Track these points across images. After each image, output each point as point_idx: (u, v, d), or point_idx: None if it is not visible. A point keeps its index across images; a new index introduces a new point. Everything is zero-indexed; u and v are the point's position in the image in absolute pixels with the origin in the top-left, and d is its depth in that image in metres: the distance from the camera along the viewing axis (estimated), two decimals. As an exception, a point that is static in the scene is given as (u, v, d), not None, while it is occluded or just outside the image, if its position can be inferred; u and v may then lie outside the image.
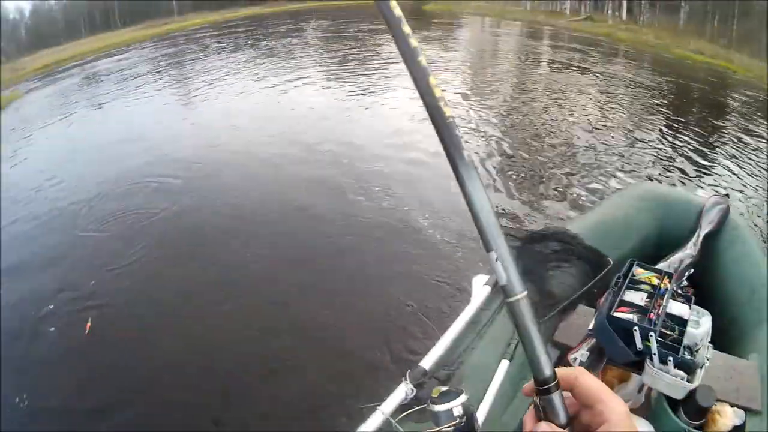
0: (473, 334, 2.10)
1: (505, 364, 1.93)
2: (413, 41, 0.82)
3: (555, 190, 7.33)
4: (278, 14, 45.69)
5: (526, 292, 0.77)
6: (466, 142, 6.54)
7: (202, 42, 32.31)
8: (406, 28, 0.84)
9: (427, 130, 1.59)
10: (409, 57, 0.81)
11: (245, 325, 5.41)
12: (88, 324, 5.70)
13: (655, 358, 1.83)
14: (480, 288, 2.23)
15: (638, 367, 1.95)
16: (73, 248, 7.48)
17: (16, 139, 15.28)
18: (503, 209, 6.74)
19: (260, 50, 24.77)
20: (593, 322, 2.05)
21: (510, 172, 7.99)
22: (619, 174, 7.74)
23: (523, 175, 7.89)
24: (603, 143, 9.16)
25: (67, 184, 10.30)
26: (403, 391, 1.74)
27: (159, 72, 24.26)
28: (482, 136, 9.62)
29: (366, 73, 16.63)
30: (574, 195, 7.05)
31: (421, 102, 0.80)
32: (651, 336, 1.84)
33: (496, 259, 0.77)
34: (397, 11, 0.86)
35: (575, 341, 2.11)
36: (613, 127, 9.95)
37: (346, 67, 17.72)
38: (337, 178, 8.38)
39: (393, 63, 16.95)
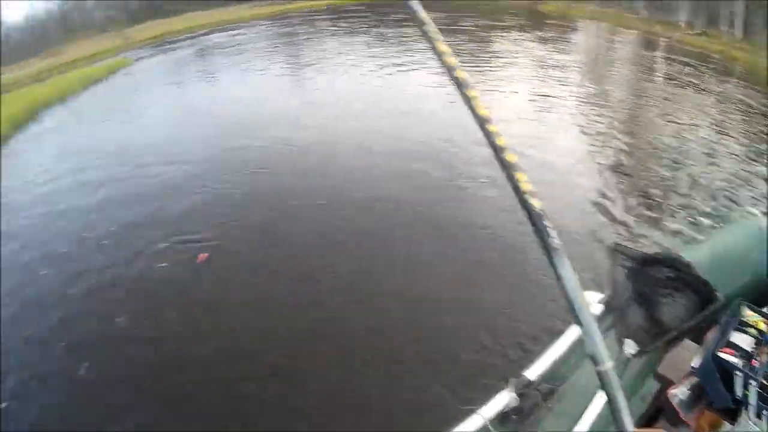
0: (580, 351, 1.85)
1: None
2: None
3: (670, 210, 7.04)
4: (393, 3, 43.45)
5: (612, 363, 0.91)
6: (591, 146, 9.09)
7: (317, 24, 32.29)
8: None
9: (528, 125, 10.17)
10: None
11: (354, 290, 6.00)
12: (202, 255, 6.89)
13: (752, 409, 1.61)
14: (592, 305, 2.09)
15: (734, 415, 1.69)
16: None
17: (128, 101, 17.03)
18: (620, 222, 6.68)
19: (372, 36, 25.27)
20: (697, 359, 1.82)
21: (626, 187, 7.75)
22: (736, 205, 7.10)
23: (639, 191, 7.61)
24: (719, 167, 8.56)
25: (178, 146, 11.62)
26: (505, 398, 1.72)
27: (274, 50, 24.26)
28: (599, 145, 9.51)
29: (478, 68, 16.12)
30: (690, 218, 6.70)
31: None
32: (751, 384, 1.62)
33: (585, 333, 0.92)
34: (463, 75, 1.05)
35: (677, 376, 1.85)
36: (731, 154, 9.16)
37: (460, 60, 15.68)
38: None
39: (503, 59, 17.45)
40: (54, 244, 8.00)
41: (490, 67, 16.29)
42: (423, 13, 1.16)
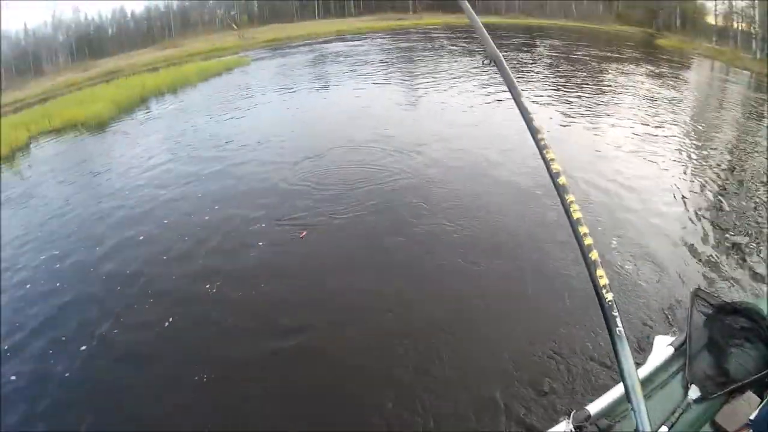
0: (647, 389, 1.86)
1: (664, 429, 1.72)
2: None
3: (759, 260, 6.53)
4: (513, 26, 44.93)
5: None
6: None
7: (435, 41, 32.21)
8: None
9: (626, 159, 9.80)
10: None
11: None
12: (304, 233, 7.16)
13: None
14: (661, 348, 2.12)
15: None
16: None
17: (241, 98, 16.86)
18: (707, 265, 6.29)
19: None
20: (756, 412, 1.79)
21: (720, 231, 7.21)
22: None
23: (734, 238, 7.01)
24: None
25: (286, 143, 11.45)
26: (563, 430, 1.67)
27: (389, 63, 23.43)
28: (699, 186, 8.91)
29: (586, 96, 15.86)
30: None
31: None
32: None
33: (637, 414, 1.09)
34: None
35: (733, 427, 1.79)
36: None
37: (568, 88, 17.28)
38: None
39: (614, 91, 17.06)
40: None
41: (597, 99, 15.70)
42: (492, 46, 1.55)
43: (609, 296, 1.23)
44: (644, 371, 1.91)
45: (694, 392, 1.77)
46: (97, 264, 6.88)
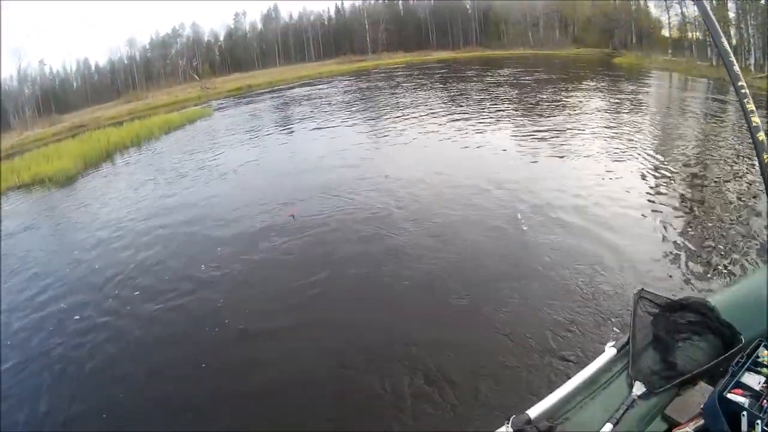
0: (587, 392, 1.83)
1: (608, 427, 1.67)
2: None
3: (717, 260, 6.70)
4: (470, 60, 46.39)
5: None
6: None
7: (395, 80, 32.88)
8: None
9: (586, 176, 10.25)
10: None
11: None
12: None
13: None
14: (606, 349, 2.02)
15: None
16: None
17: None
18: (672, 265, 6.55)
19: (450, 92, 25.64)
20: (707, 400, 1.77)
21: (685, 236, 7.46)
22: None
23: (700, 240, 7.31)
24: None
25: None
26: None
27: (351, 105, 23.86)
28: (665, 196, 9.11)
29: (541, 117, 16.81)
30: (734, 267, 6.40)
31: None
32: (757, 424, 1.54)
33: None
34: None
35: (685, 418, 1.76)
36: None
37: (531, 114, 17.90)
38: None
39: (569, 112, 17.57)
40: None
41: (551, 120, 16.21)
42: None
43: None
44: (586, 373, 1.90)
45: (638, 388, 1.78)
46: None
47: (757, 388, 1.68)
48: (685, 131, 14.49)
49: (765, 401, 1.62)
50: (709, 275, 6.29)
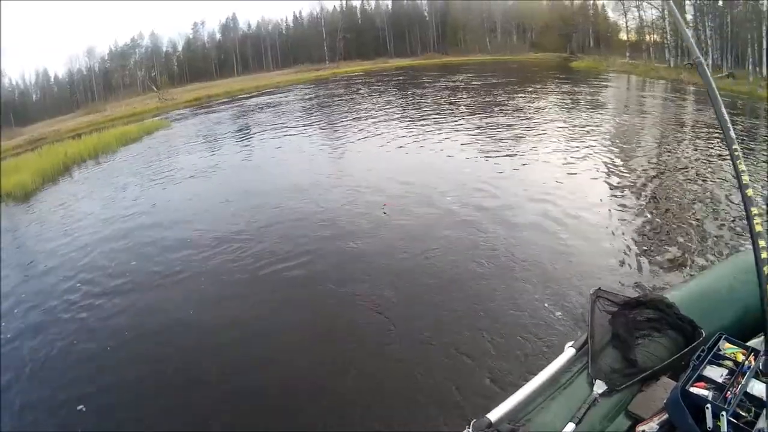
0: (548, 393, 1.91)
1: (571, 427, 1.74)
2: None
3: (675, 257, 6.75)
4: (429, 66, 47.34)
5: None
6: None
7: (354, 89, 33.44)
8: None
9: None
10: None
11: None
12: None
13: None
14: (565, 349, 2.10)
15: None
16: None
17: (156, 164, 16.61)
18: (628, 267, 6.46)
19: (408, 98, 26.29)
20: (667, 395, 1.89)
21: (641, 234, 7.52)
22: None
23: (655, 238, 7.36)
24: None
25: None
26: None
27: (308, 114, 24.35)
28: (622, 195, 9.26)
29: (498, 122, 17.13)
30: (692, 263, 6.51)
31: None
32: (722, 416, 1.63)
33: None
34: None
35: (648, 413, 1.87)
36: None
37: (486, 118, 18.35)
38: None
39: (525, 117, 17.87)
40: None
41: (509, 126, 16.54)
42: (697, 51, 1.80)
43: None
44: (546, 373, 1.95)
45: (599, 387, 1.81)
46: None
47: (720, 380, 1.78)
48: (642, 131, 14.97)
49: (729, 393, 1.71)
50: (665, 272, 6.32)
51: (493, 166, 11.72)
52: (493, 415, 1.75)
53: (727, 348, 1.91)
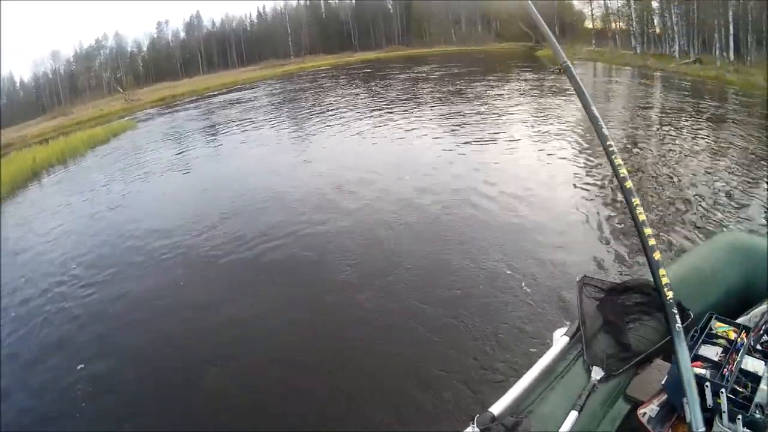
0: (546, 383, 1.91)
1: (573, 414, 1.75)
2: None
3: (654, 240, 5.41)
4: (394, 59, 47.68)
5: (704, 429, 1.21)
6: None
7: (318, 83, 33.86)
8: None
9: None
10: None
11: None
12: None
13: (725, 415, 1.67)
14: (558, 338, 2.12)
15: (708, 424, 1.70)
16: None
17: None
18: (605, 255, 6.42)
19: (374, 91, 26.68)
20: (666, 376, 1.89)
21: (615, 222, 7.44)
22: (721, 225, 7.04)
23: (627, 225, 7.18)
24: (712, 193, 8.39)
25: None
26: None
27: (276, 111, 24.36)
28: (593, 186, 9.16)
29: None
30: (672, 245, 6.50)
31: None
32: (722, 393, 1.67)
33: (690, 404, 1.22)
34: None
35: (647, 396, 1.93)
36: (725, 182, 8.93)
37: (451, 106, 18.72)
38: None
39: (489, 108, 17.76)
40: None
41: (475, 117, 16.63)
42: (563, 55, 1.36)
43: (670, 294, 1.26)
44: (542, 363, 1.97)
45: (597, 373, 1.83)
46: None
47: (716, 359, 1.81)
48: (612, 116, 15.05)
49: (725, 370, 1.74)
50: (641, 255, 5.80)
51: (460, 154, 11.97)
52: (496, 409, 1.78)
53: (718, 327, 1.97)
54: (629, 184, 1.54)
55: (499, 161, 11.15)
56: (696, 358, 1.82)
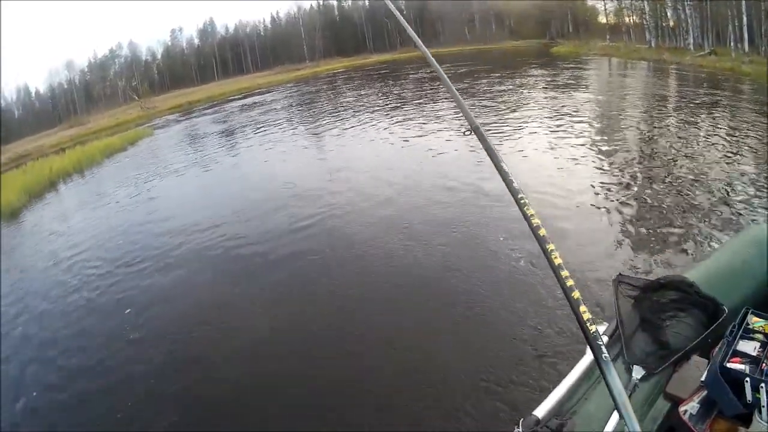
0: (588, 384, 1.90)
1: (616, 414, 1.68)
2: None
3: (681, 236, 6.72)
4: (408, 60, 46.76)
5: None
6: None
7: (334, 86, 33.84)
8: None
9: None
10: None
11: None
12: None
13: (764, 410, 1.63)
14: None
15: (747, 420, 1.70)
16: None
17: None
18: (634, 254, 6.29)
19: (392, 92, 26.28)
20: (705, 373, 1.85)
21: (641, 220, 7.39)
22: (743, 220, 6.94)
23: (653, 222, 7.23)
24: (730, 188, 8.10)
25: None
26: None
27: (292, 118, 23.76)
28: (615, 183, 9.01)
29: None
30: (701, 241, 6.48)
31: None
32: (762, 387, 1.63)
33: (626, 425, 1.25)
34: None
35: (687, 393, 1.85)
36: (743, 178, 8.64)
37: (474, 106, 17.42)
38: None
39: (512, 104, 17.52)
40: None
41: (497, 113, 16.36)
42: (472, 118, 1.80)
43: (593, 328, 1.32)
44: (583, 365, 1.97)
45: (637, 372, 1.84)
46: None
47: (754, 354, 1.79)
48: (626, 112, 14.81)
49: (764, 365, 1.72)
50: (681, 251, 6.26)
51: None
52: (540, 412, 1.78)
53: (755, 322, 1.95)
54: (543, 231, 1.54)
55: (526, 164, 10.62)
56: (734, 354, 1.81)
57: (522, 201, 1.64)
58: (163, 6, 78.56)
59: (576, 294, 1.40)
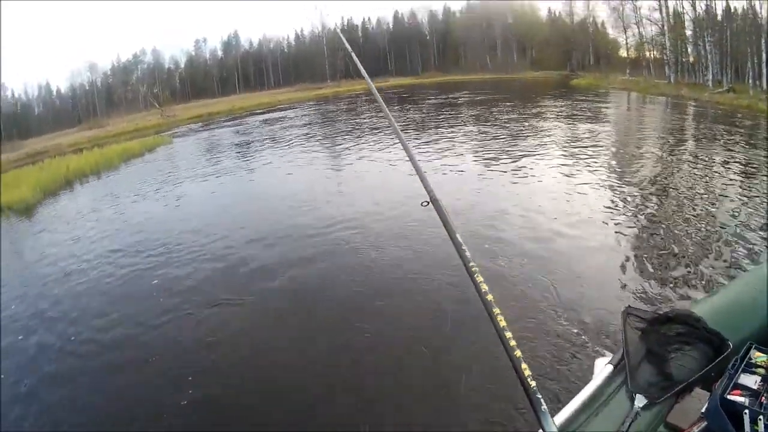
0: (590, 409, 1.92)
1: None
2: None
3: (690, 272, 6.74)
4: (430, 85, 47.45)
5: None
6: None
7: (354, 107, 33.79)
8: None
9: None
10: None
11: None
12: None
13: None
14: (601, 368, 2.14)
15: None
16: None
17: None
18: (642, 287, 6.33)
19: (412, 117, 25.71)
20: (706, 404, 1.87)
21: (652, 253, 7.39)
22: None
23: (664, 256, 7.25)
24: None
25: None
26: None
27: (309, 133, 23.98)
28: (627, 221, 8.85)
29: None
30: (710, 277, 6.49)
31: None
32: (760, 419, 1.67)
33: None
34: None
35: (687, 423, 1.88)
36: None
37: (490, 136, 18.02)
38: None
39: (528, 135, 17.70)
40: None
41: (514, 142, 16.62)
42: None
43: (533, 383, 1.36)
44: (587, 391, 1.99)
45: (640, 401, 1.87)
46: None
47: (755, 387, 1.82)
48: (645, 149, 14.87)
49: (764, 398, 1.75)
50: (688, 286, 6.33)
51: (497, 184, 11.63)
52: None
53: (757, 357, 1.96)
54: (490, 297, 1.58)
55: (539, 193, 10.74)
56: (735, 386, 1.84)
57: (472, 268, 1.70)
58: (188, 16, 79.74)
59: (518, 353, 1.47)
